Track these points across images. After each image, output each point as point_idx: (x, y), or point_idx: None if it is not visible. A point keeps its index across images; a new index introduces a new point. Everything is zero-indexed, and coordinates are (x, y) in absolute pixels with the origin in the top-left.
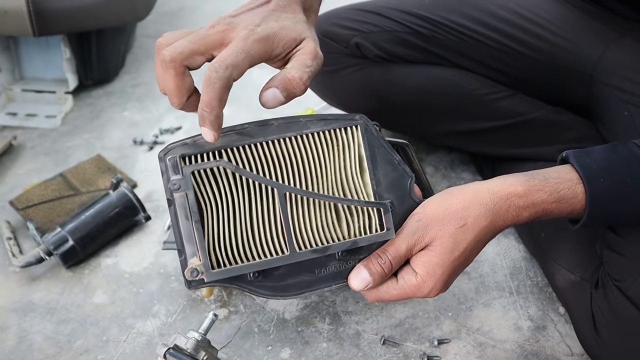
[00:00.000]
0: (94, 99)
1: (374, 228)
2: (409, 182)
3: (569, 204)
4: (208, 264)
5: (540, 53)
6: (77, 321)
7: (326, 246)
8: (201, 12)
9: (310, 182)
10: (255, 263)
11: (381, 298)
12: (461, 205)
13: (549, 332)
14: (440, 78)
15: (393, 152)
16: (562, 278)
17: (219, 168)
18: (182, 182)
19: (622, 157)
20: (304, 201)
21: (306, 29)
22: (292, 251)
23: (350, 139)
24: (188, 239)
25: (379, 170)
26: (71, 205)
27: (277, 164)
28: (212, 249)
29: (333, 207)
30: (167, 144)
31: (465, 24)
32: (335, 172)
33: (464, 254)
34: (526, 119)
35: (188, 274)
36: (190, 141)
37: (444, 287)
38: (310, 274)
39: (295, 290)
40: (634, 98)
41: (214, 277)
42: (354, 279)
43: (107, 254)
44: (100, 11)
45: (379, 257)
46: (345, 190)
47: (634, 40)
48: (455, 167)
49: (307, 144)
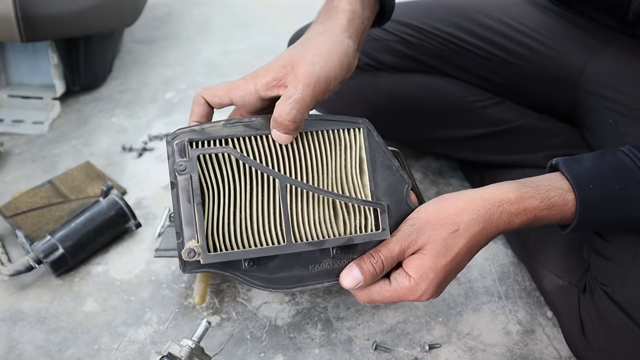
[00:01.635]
0: (82, 105)
1: (370, 228)
2: (405, 188)
3: (560, 211)
4: (205, 245)
5: (526, 61)
6: (68, 330)
7: (322, 240)
8: (188, 17)
9: (311, 178)
10: (252, 250)
11: (373, 299)
12: (454, 211)
13: (538, 335)
14: (429, 86)
15: (392, 158)
16: (550, 283)
17: (224, 155)
18: (188, 164)
19: (610, 165)
20: (303, 195)
21: (300, 57)
22: (289, 242)
23: (353, 140)
24: (188, 221)
25: (377, 173)
26: (60, 212)
27: (281, 157)
28: (211, 233)
29: (331, 205)
30: (175, 129)
31: (454, 32)
32: (335, 171)
33: (456, 259)
34: (513, 126)
35: (185, 254)
36: (198, 128)
37: (436, 291)
38: (304, 268)
39: (288, 284)
40: (618, 106)
41: (210, 260)
42: (345, 277)
43: (98, 262)
44: (88, 17)
45: (372, 257)
46: (345, 189)
47: (617, 50)
48: (443, 173)
49: (311, 141)
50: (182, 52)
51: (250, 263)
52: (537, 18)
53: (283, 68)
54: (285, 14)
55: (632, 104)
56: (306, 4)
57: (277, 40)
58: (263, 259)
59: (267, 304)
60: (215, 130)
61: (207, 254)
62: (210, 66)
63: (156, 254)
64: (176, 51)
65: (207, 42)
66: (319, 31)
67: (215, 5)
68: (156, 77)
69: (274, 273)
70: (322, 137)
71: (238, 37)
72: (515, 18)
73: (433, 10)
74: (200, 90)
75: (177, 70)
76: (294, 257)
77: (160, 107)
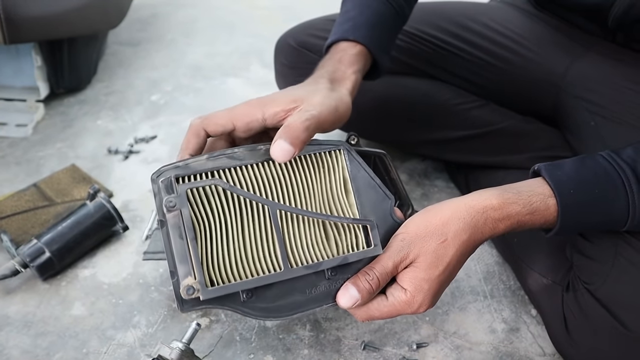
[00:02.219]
0: (66, 107)
1: (361, 245)
2: (389, 204)
3: (542, 216)
4: (203, 280)
5: (510, 64)
6: (56, 334)
7: (319, 262)
8: (174, 19)
9: (300, 203)
10: (251, 280)
11: (372, 316)
12: (441, 222)
13: (522, 333)
14: (415, 88)
15: (374, 177)
16: (535, 282)
17: (212, 188)
18: (178, 199)
19: (590, 170)
20: (294, 220)
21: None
22: (286, 267)
23: (335, 162)
24: (181, 259)
25: (361, 191)
26: (46, 216)
27: (268, 184)
28: (206, 268)
29: (322, 227)
30: (159, 167)
31: (439, 36)
32: (322, 193)
33: (448, 268)
34: (497, 128)
35: (184, 292)
36: (182, 164)
37: (432, 301)
38: (302, 294)
39: (287, 311)
40: (599, 109)
41: (209, 295)
42: (342, 297)
43: (85, 265)
44: (72, 19)
45: (367, 274)
46: (332, 210)
47: (598, 55)
48: (428, 174)
49: (295, 166)
50: (168, 54)
51: (249, 294)
52: (522, 23)
53: (293, 102)
54: (270, 16)
55: (613, 108)
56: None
57: (262, 42)
58: (260, 289)
59: None
60: (199, 164)
61: (205, 289)
62: (195, 68)
63: (145, 257)
64: (161, 53)
65: (193, 44)
66: (327, 86)
67: (201, 7)
68: (141, 79)
69: (273, 302)
70: (305, 161)
71: (223, 39)
72: (500, 22)
73: (420, 14)
74: (198, 121)
75: (163, 73)
76: (292, 284)
77: (146, 109)
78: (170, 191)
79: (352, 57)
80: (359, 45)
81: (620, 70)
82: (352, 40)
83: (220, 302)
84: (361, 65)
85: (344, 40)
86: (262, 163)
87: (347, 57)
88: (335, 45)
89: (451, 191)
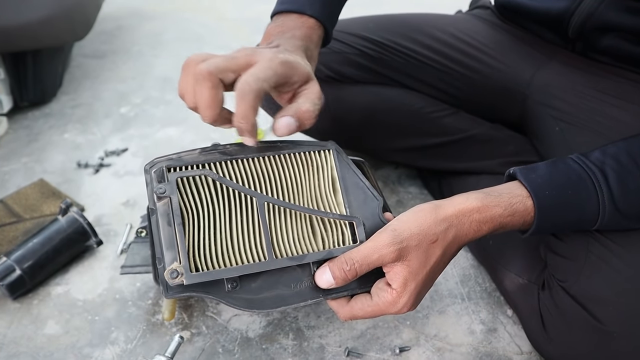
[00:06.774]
0: (31, 121)
1: (347, 242)
2: (377, 205)
3: (521, 217)
4: (188, 265)
5: (478, 74)
6: (29, 355)
7: (303, 255)
8: (138, 31)
9: (288, 198)
10: (235, 268)
11: (355, 315)
12: (433, 222)
13: (500, 333)
14: (388, 97)
15: (362, 178)
16: (511, 282)
17: (202, 178)
18: (168, 187)
19: (562, 172)
20: (281, 213)
21: (312, 72)
22: (271, 258)
23: (324, 161)
24: (169, 245)
25: (349, 191)
26: (14, 232)
27: (257, 179)
28: (192, 255)
29: (309, 222)
30: (153, 159)
31: (410, 46)
32: (310, 191)
33: (433, 269)
34: (467, 135)
35: (167, 275)
36: (175, 156)
37: (415, 302)
38: (287, 288)
39: (271, 304)
40: (564, 115)
41: (193, 280)
42: (319, 277)
43: (57, 282)
44: (37, 31)
45: (344, 264)
46: (320, 207)
47: (560, 64)
48: (402, 181)
49: (284, 163)
50: (135, 66)
51: (234, 284)
52: (488, 34)
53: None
54: (238, 28)
55: (576, 113)
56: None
57: None
58: (245, 279)
59: (238, 317)
60: (192, 157)
61: (190, 274)
62: (165, 80)
63: (122, 271)
64: (128, 65)
65: (161, 56)
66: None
67: (168, 19)
68: (109, 91)
69: (257, 294)
70: (295, 159)
71: (192, 51)
72: (467, 33)
73: (391, 25)
74: (204, 68)
75: (131, 85)
76: (276, 277)
77: (115, 122)
78: (162, 180)
79: (312, 33)
80: (312, 19)
81: (582, 78)
82: (310, 15)
83: (205, 290)
84: (319, 42)
85: (299, 14)
86: (252, 158)
87: (315, 36)
88: (289, 16)
89: (425, 197)
